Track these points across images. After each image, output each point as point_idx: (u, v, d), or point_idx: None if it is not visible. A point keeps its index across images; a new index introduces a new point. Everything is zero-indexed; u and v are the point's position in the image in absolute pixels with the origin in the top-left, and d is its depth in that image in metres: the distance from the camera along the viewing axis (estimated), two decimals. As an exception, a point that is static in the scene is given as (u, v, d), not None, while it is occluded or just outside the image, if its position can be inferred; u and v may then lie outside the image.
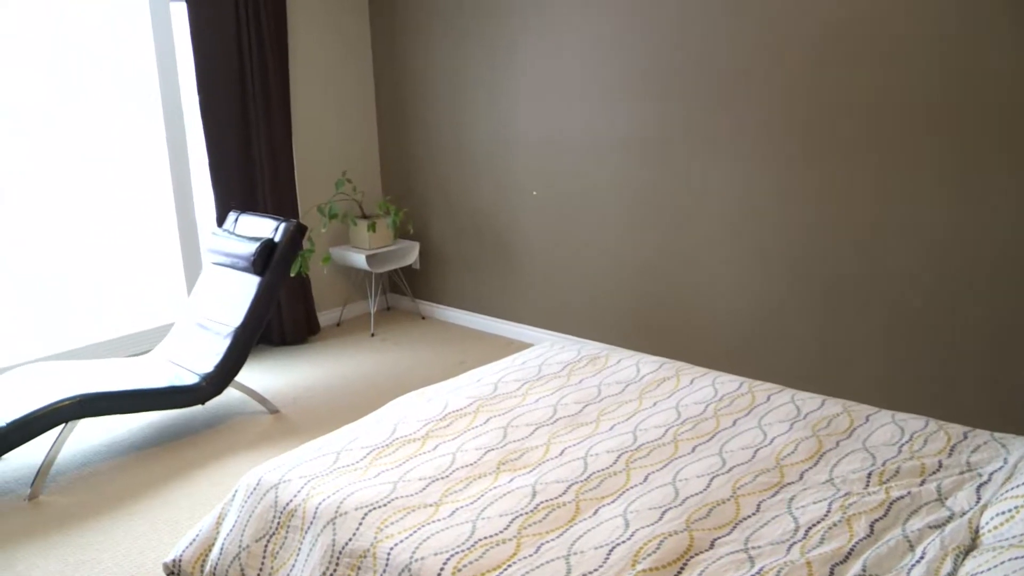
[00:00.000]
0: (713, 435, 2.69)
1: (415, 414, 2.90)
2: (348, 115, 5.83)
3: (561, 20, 4.68)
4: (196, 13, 4.93)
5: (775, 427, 2.72)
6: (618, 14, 4.42)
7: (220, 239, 4.57)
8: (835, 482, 2.35)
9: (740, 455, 2.54)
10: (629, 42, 4.41)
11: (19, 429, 3.62)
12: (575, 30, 4.63)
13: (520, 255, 5.26)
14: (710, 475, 2.41)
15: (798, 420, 2.76)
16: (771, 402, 2.92)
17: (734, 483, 2.36)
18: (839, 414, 2.79)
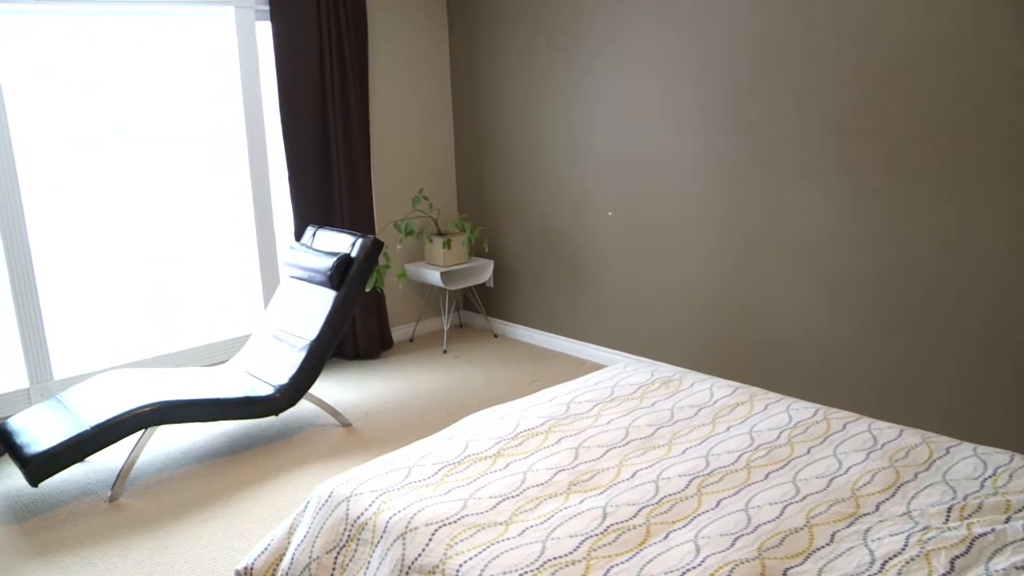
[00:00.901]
0: (787, 462, 2.65)
1: (487, 432, 2.91)
2: (426, 133, 5.89)
3: (639, 42, 4.67)
4: (280, 31, 5.04)
5: (851, 456, 2.66)
6: (695, 38, 4.40)
7: (298, 253, 4.64)
8: (913, 515, 2.29)
9: (814, 483, 2.49)
10: (705, 66, 4.39)
11: (102, 432, 3.72)
12: (652, 52, 4.62)
13: (593, 275, 5.25)
14: (783, 503, 2.37)
15: (875, 450, 2.70)
16: (847, 430, 2.86)
17: (808, 512, 2.32)
18: (917, 445, 2.72)
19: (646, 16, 4.61)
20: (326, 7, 5.10)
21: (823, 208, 4.09)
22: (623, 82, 4.81)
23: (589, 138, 5.07)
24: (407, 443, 4.18)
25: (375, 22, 5.50)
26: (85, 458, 3.82)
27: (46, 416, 3.95)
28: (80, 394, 4.10)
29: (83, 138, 4.76)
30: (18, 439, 3.79)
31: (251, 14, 5.05)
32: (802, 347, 4.30)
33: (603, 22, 4.83)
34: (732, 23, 4.26)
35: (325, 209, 5.38)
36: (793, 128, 4.13)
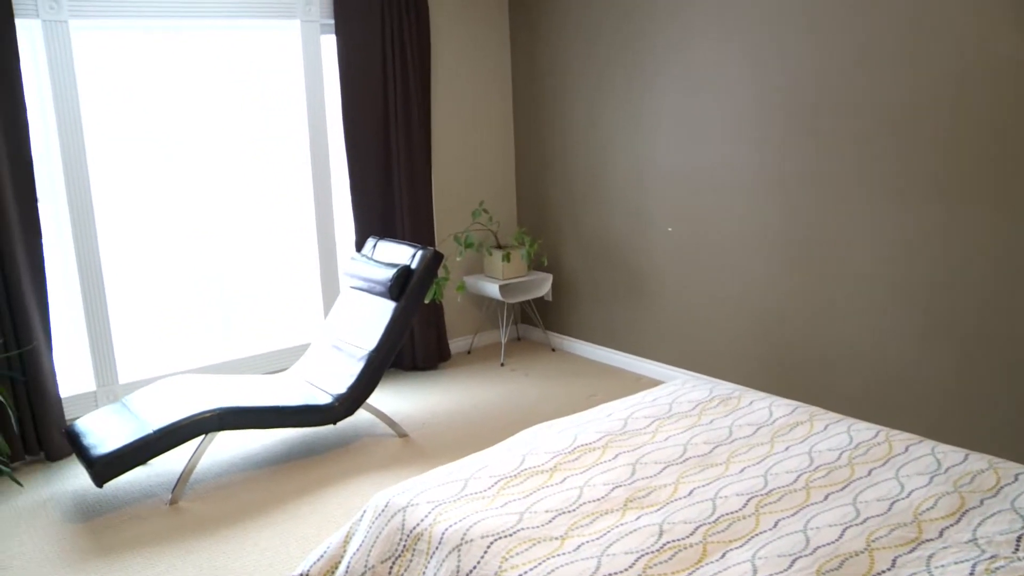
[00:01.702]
0: (847, 484, 2.60)
1: (544, 446, 2.90)
2: (486, 146, 5.92)
3: (700, 58, 4.65)
4: (345, 45, 5.11)
5: (913, 479, 2.61)
6: (757, 55, 4.37)
7: (358, 264, 4.69)
8: (979, 543, 2.24)
9: (875, 506, 2.44)
10: (768, 81, 4.35)
11: (165, 437, 3.78)
12: (714, 68, 4.59)
13: (653, 291, 5.22)
14: (843, 525, 2.33)
15: (938, 474, 2.64)
16: (909, 453, 2.80)
17: (868, 535, 2.28)
18: (984, 470, 2.66)
19: (708, 32, 4.59)
20: (390, 21, 5.16)
21: (883, 225, 4.03)
22: (684, 98, 4.79)
23: (650, 153, 5.05)
24: (463, 455, 4.19)
25: (438, 36, 5.55)
26: (148, 461, 3.89)
27: (111, 419, 4.03)
28: (144, 398, 4.17)
29: (153, 148, 4.87)
30: (85, 440, 3.87)
31: (316, 28, 5.13)
32: (863, 366, 4.23)
33: (665, 38, 4.82)
34: (794, 40, 4.22)
35: (386, 220, 5.43)
36: (853, 145, 4.07)
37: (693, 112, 4.77)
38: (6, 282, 4.24)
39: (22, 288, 4.26)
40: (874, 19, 3.90)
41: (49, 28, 4.34)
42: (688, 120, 4.80)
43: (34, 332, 4.32)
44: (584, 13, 5.29)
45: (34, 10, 4.28)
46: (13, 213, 4.23)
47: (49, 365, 4.41)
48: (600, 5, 5.17)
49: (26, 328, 4.29)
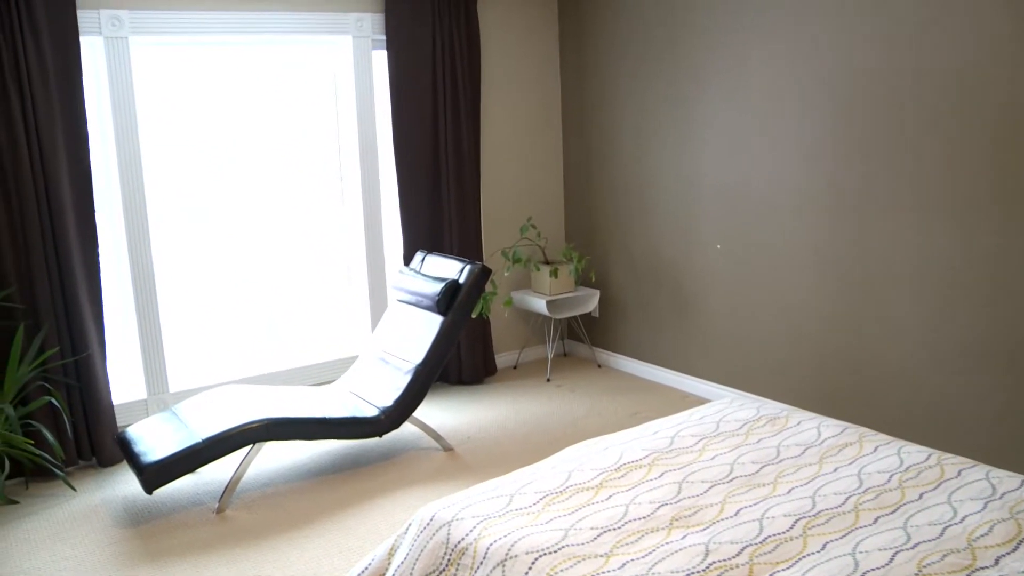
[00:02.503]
0: (897, 507, 2.56)
1: (590, 463, 2.89)
2: (535, 161, 5.93)
3: (750, 73, 4.63)
4: (395, 60, 5.15)
5: (967, 505, 2.55)
6: (807, 71, 4.34)
7: (406, 277, 4.71)
8: (1036, 572, 2.19)
9: (927, 531, 2.40)
10: (817, 99, 4.32)
11: (213, 446, 3.83)
12: (764, 84, 4.57)
13: (700, 308, 5.18)
14: (893, 549, 2.29)
15: (993, 499, 2.59)
16: (962, 477, 2.75)
17: (919, 561, 2.23)
18: (1041, 498, 2.60)
19: (758, 47, 4.57)
20: (440, 37, 5.20)
21: (932, 242, 3.97)
22: (732, 114, 4.77)
23: (698, 170, 5.03)
24: (508, 470, 4.19)
25: (488, 52, 5.58)
26: (196, 469, 3.93)
27: (161, 427, 4.09)
28: (193, 407, 4.23)
29: (205, 161, 4.94)
30: (136, 447, 3.93)
31: (368, 43, 5.18)
32: (913, 387, 4.16)
33: (714, 55, 4.80)
34: (844, 56, 4.18)
35: (434, 235, 5.46)
36: (903, 161, 4.02)
37: (741, 129, 4.74)
38: (64, 291, 4.33)
39: (79, 297, 4.34)
40: (924, 35, 3.86)
41: (111, 44, 4.44)
42: (736, 137, 4.77)
43: (89, 340, 4.40)
44: (633, 30, 5.29)
45: (97, 28, 4.38)
46: (72, 224, 4.32)
47: (103, 373, 4.49)
48: (649, 23, 5.17)
49: (81, 336, 4.38)
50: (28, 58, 4.10)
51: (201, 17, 4.63)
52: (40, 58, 4.15)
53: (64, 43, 4.22)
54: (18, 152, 4.13)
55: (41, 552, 3.68)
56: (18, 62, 4.09)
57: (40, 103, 4.16)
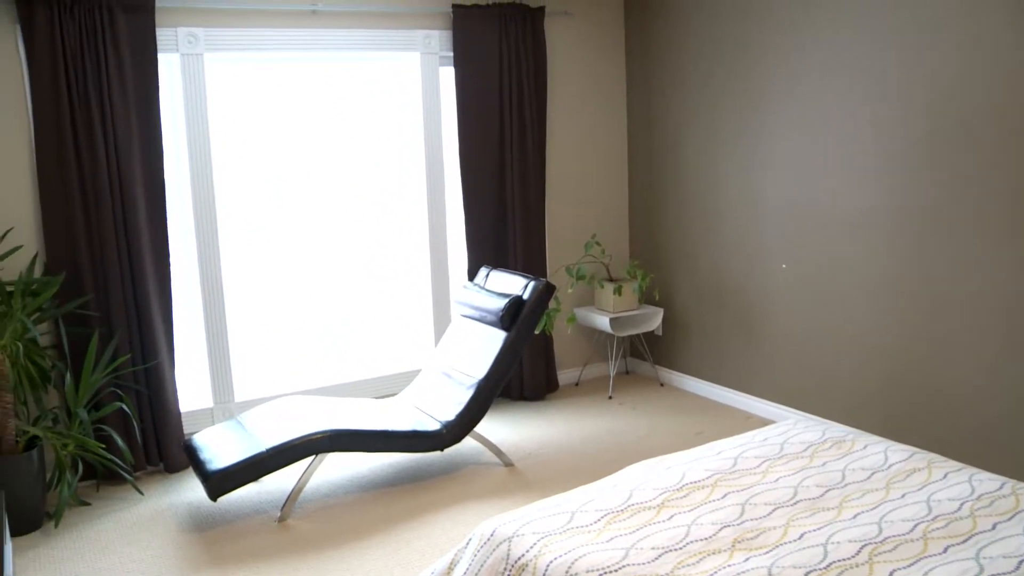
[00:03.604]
0: (968, 537, 2.49)
1: (652, 482, 2.86)
2: (600, 179, 5.92)
3: (816, 92, 4.57)
4: (463, 76, 5.19)
5: (1044, 538, 2.48)
6: (875, 90, 4.27)
7: (470, 293, 4.73)
8: (1115, 608, 2.12)
9: (1001, 563, 2.33)
10: (885, 118, 4.25)
11: (276, 456, 3.87)
12: (832, 104, 4.51)
13: (764, 328, 5.12)
14: (966, 582, 2.23)
15: (1072, 533, 2.51)
16: (1040, 509, 2.67)
17: (994, 594, 2.17)
18: (1122, 532, 2.51)
19: (826, 68, 4.51)
20: (507, 54, 5.23)
21: (1000, 263, 3.87)
22: (799, 133, 4.71)
23: (764, 189, 4.98)
24: (569, 487, 4.18)
25: (554, 68, 5.60)
26: (259, 478, 3.99)
27: (227, 435, 4.15)
28: (258, 417, 4.28)
29: (273, 174, 5.02)
30: (201, 455, 3.99)
31: (435, 60, 5.23)
32: (982, 413, 4.06)
33: (780, 73, 4.76)
34: (912, 79, 4.11)
35: (499, 250, 5.47)
36: (969, 184, 3.93)
37: (808, 149, 4.68)
38: (136, 300, 4.43)
39: (150, 306, 4.44)
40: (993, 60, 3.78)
41: (187, 61, 4.55)
42: (803, 157, 4.72)
43: (159, 348, 4.49)
44: (701, 48, 5.27)
45: (174, 45, 4.50)
46: (145, 236, 4.42)
47: (171, 380, 4.58)
48: (716, 40, 5.14)
49: (152, 344, 4.47)
50: (110, 75, 4.24)
51: (273, 35, 4.72)
52: (120, 74, 4.28)
53: (143, 60, 4.35)
54: (97, 166, 4.26)
55: (111, 553, 3.76)
56: (100, 79, 4.23)
57: (119, 118, 4.29)
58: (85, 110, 4.23)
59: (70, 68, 4.17)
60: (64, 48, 4.14)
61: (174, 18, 4.51)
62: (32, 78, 4.15)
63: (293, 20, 4.79)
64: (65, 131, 4.20)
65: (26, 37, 4.12)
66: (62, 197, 4.25)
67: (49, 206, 4.24)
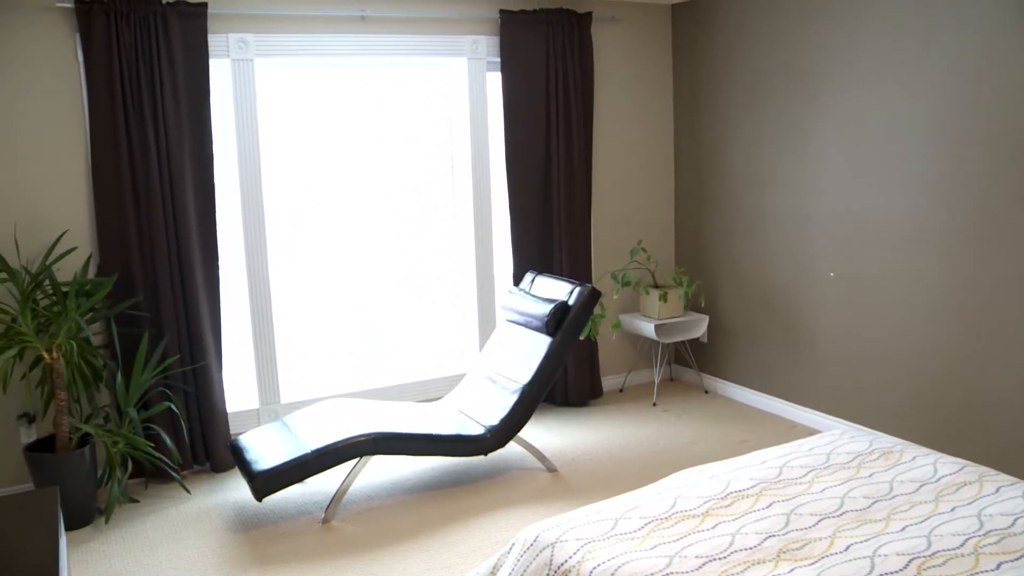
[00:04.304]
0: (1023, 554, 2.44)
1: (696, 490, 2.85)
2: (646, 185, 5.90)
3: (867, 96, 4.51)
4: (509, 82, 5.21)
5: (1101, 555, 2.43)
6: (929, 99, 4.21)
7: (516, 298, 4.73)
8: None
9: (1056, 581, 2.29)
10: (938, 125, 4.18)
11: (321, 458, 3.90)
12: (884, 111, 4.45)
13: (811, 337, 5.07)
14: (1018, 598, 2.19)
15: None
16: (1096, 526, 2.62)
17: (1046, 611, 2.13)
18: None
19: (876, 73, 4.46)
20: (554, 59, 5.24)
21: (1074, 282, 3.80)
22: (849, 141, 4.66)
23: (812, 197, 4.93)
24: (612, 493, 4.17)
25: (600, 74, 5.59)
26: (304, 480, 4.02)
27: (272, 437, 4.19)
28: (303, 418, 4.32)
29: (320, 177, 5.07)
30: (247, 455, 4.03)
31: (482, 65, 5.25)
32: (1042, 430, 3.99)
33: (831, 78, 4.71)
34: (965, 90, 4.05)
35: (544, 255, 5.47)
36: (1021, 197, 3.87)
37: (858, 157, 4.63)
38: (185, 302, 4.50)
39: (199, 308, 4.50)
40: (1064, 63, 3.72)
41: (237, 67, 4.61)
42: (852, 165, 4.66)
43: (207, 350, 4.55)
44: (748, 54, 5.23)
45: (225, 50, 4.56)
46: (195, 238, 4.49)
47: (218, 381, 4.63)
48: (765, 49, 5.11)
49: (200, 345, 4.53)
50: (163, 81, 4.31)
51: (322, 40, 4.76)
52: (173, 80, 4.35)
53: (195, 66, 4.42)
54: (149, 169, 4.33)
55: (159, 550, 3.81)
56: (154, 85, 4.31)
57: (171, 124, 4.36)
58: (139, 116, 4.30)
59: (125, 75, 4.25)
60: (120, 55, 4.22)
61: (225, 24, 4.57)
62: (89, 85, 4.24)
63: (342, 26, 4.83)
64: (119, 136, 4.27)
65: (85, 45, 4.20)
66: (115, 200, 4.33)
67: (103, 209, 4.32)
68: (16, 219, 4.25)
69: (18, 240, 4.26)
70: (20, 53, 4.18)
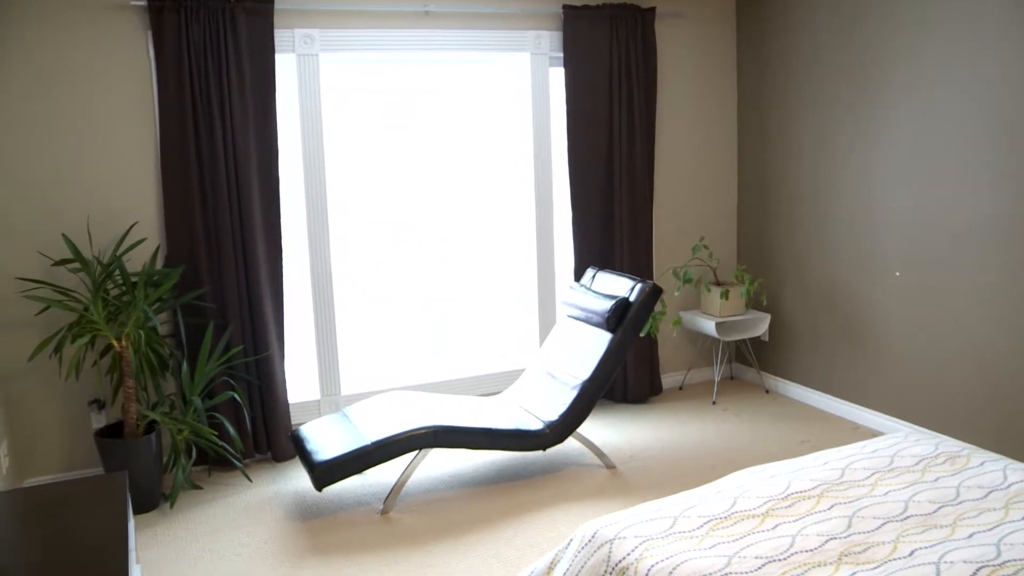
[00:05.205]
0: (1100, 565, 2.37)
1: (756, 490, 2.82)
2: (709, 181, 5.85)
3: (935, 92, 4.42)
4: (572, 77, 5.19)
5: None
6: (999, 88, 4.10)
7: (577, 293, 4.73)
8: None
9: None
10: (1008, 120, 4.08)
11: (381, 449, 3.94)
12: (950, 103, 4.35)
13: (875, 337, 4.99)
14: (1091, 610, 2.13)
15: None
16: None
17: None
18: None
19: (945, 69, 4.36)
20: (618, 55, 5.21)
21: None
22: (920, 138, 4.57)
23: (880, 193, 4.84)
24: (670, 491, 4.15)
25: (664, 69, 5.55)
26: (363, 471, 4.06)
27: (333, 428, 4.24)
28: (364, 410, 4.36)
29: (383, 172, 5.11)
30: (308, 445, 4.09)
31: (545, 61, 5.24)
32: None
33: (899, 74, 4.62)
34: (1055, 79, 3.95)
35: (606, 251, 5.46)
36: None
37: (927, 154, 4.54)
38: (249, 293, 4.57)
39: (262, 299, 4.57)
40: None
41: (302, 61, 4.67)
42: (920, 160, 4.57)
43: (270, 341, 4.62)
44: (815, 49, 5.16)
45: (291, 46, 4.62)
46: (259, 231, 4.55)
47: (281, 372, 4.70)
48: (831, 40, 5.03)
49: (263, 336, 4.60)
50: (230, 76, 4.39)
51: (386, 35, 4.80)
52: (240, 75, 4.42)
53: (261, 61, 4.48)
54: (216, 163, 4.40)
55: (221, 536, 3.88)
56: (221, 80, 4.38)
57: (238, 118, 4.43)
58: (206, 111, 4.38)
59: (194, 70, 4.33)
60: (189, 51, 4.30)
61: (291, 20, 4.63)
62: (159, 81, 4.33)
63: (405, 21, 4.86)
64: (187, 131, 4.36)
65: (156, 42, 4.30)
66: (183, 193, 4.41)
67: (171, 202, 4.41)
68: (89, 211, 4.36)
69: (91, 231, 4.37)
70: (94, 50, 4.28)
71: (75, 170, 4.32)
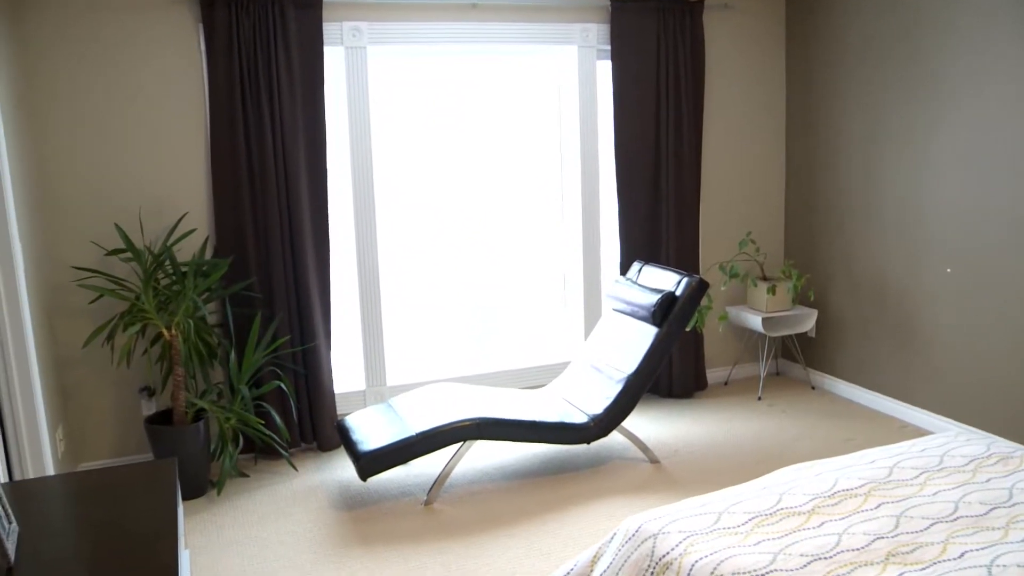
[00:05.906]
0: None
1: (802, 487, 2.80)
2: (756, 176, 5.80)
3: (993, 91, 4.34)
4: (619, 70, 5.17)
5: None
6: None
7: (622, 287, 4.72)
8: None
9: None
10: (1082, 117, 4.01)
11: (425, 440, 3.96)
12: (1005, 97, 4.27)
13: (925, 334, 4.91)
14: None
15: None
16: None
17: None
18: None
19: (1005, 68, 4.28)
20: (665, 48, 5.18)
21: None
22: (974, 133, 4.49)
23: (931, 189, 4.77)
24: (714, 487, 4.13)
25: (712, 62, 5.52)
26: (408, 462, 4.09)
27: (378, 418, 4.27)
28: (408, 401, 4.39)
29: (429, 165, 5.13)
30: (353, 435, 4.12)
31: (592, 53, 5.23)
32: None
33: (951, 66, 4.54)
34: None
35: (652, 245, 5.44)
36: None
37: (980, 149, 4.46)
38: (297, 284, 4.61)
39: (310, 291, 4.61)
40: None
41: (351, 54, 4.70)
42: (972, 155, 4.49)
43: (316, 331, 4.66)
44: (865, 41, 5.09)
45: (339, 38, 4.66)
46: (307, 223, 4.59)
47: (327, 362, 4.74)
48: (881, 32, 4.96)
49: (310, 327, 4.64)
50: (279, 68, 4.43)
51: (434, 28, 4.82)
52: (289, 68, 4.46)
53: (310, 54, 4.52)
54: (265, 155, 4.45)
55: (267, 524, 3.93)
56: (270, 73, 4.43)
57: (286, 110, 4.47)
58: (256, 103, 4.42)
59: (244, 63, 4.38)
60: (239, 44, 4.35)
61: (339, 13, 4.66)
62: (210, 74, 4.38)
63: (453, 14, 4.87)
64: (237, 123, 4.41)
65: (207, 36, 4.35)
66: (232, 185, 4.47)
67: (220, 193, 4.46)
68: (141, 202, 4.43)
69: (142, 222, 4.44)
70: (147, 44, 4.35)
71: (127, 162, 4.39)
